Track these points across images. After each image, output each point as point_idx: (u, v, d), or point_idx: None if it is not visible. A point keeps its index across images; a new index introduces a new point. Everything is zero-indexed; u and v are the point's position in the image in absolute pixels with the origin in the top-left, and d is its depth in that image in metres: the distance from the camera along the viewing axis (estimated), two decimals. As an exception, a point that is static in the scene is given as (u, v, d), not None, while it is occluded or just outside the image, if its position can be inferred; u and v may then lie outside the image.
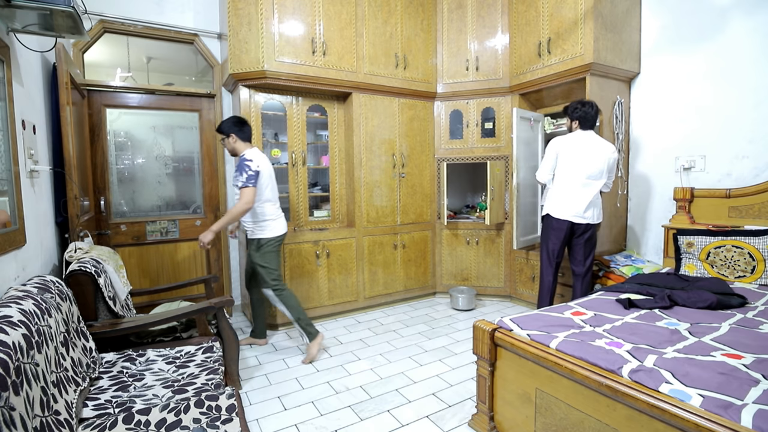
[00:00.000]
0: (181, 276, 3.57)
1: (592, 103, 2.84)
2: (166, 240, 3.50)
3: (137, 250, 3.39)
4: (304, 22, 3.28)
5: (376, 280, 3.80)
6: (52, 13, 1.55)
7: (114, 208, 3.36)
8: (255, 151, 2.75)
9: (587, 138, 2.84)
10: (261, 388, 2.42)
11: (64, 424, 1.25)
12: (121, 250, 3.23)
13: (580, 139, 2.84)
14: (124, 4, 3.21)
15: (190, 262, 3.62)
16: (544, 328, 1.80)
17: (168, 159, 3.61)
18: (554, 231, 2.88)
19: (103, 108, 3.28)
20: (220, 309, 2.22)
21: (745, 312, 2.00)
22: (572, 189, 2.83)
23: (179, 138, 3.69)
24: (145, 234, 3.41)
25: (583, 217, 2.83)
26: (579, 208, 2.82)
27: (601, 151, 2.81)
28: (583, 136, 2.84)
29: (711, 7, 2.93)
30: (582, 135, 2.85)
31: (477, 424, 1.98)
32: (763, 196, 2.65)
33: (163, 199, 3.62)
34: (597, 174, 2.80)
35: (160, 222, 3.48)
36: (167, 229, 3.51)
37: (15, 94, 1.71)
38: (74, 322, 1.71)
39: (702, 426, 1.12)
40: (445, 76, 3.99)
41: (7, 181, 1.60)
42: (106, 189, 3.30)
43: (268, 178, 2.77)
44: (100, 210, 3.24)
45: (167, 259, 3.52)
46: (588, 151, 2.80)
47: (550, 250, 2.93)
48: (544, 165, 2.96)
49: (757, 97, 2.74)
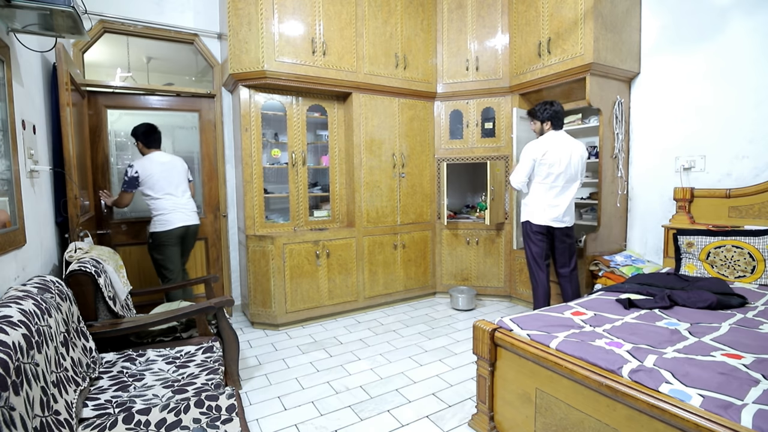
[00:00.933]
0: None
1: (557, 102, 2.89)
2: None
3: (138, 250, 3.40)
4: (304, 22, 3.28)
5: (376, 280, 3.80)
6: (52, 13, 1.55)
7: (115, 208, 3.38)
8: (151, 155, 2.97)
9: (561, 139, 2.84)
10: (261, 388, 2.42)
11: (64, 424, 1.25)
12: (121, 250, 3.25)
13: (555, 141, 2.83)
14: (124, 4, 3.21)
15: (191, 262, 3.62)
16: (544, 328, 1.80)
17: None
18: (536, 235, 2.91)
19: (103, 108, 3.28)
20: (220, 309, 2.22)
21: (745, 312, 2.00)
22: (552, 194, 2.84)
23: (179, 138, 3.69)
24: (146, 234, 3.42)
25: (563, 222, 2.87)
26: (558, 213, 2.84)
27: (576, 152, 2.82)
28: (557, 138, 2.84)
29: (711, 7, 2.93)
30: (555, 136, 2.85)
31: (477, 424, 1.97)
32: (763, 196, 2.65)
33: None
34: (574, 176, 2.83)
35: None
36: None
37: (15, 94, 1.71)
38: (74, 322, 1.71)
39: (702, 426, 1.12)
40: (445, 76, 3.99)
41: (7, 181, 1.60)
42: (108, 189, 3.31)
43: (159, 177, 2.94)
44: (102, 210, 3.25)
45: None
46: (564, 153, 2.80)
47: (536, 254, 2.95)
48: (519, 170, 2.92)
49: (757, 97, 2.73)
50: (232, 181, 3.75)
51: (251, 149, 3.33)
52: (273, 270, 3.30)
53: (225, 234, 3.75)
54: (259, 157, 3.37)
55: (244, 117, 3.30)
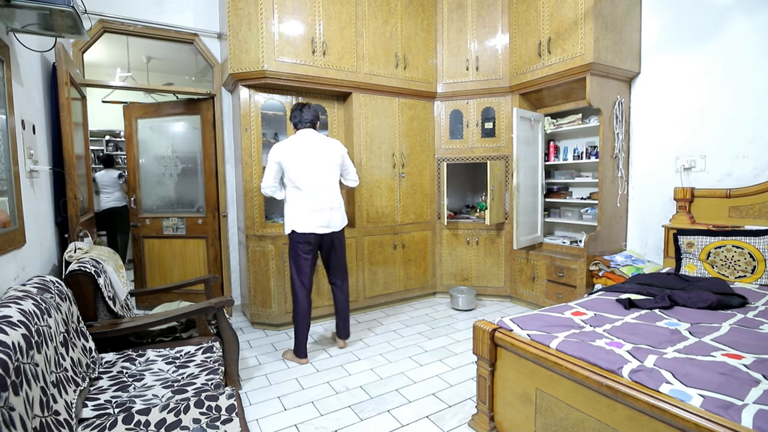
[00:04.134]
0: (189, 268, 3.76)
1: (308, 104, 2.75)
2: (176, 235, 3.78)
3: (158, 242, 3.79)
4: (304, 22, 3.27)
5: (376, 280, 3.80)
6: (51, 12, 1.54)
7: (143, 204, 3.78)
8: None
9: (310, 138, 2.68)
10: (261, 388, 2.42)
11: (64, 424, 1.25)
12: (147, 242, 3.78)
13: (301, 141, 2.66)
14: (124, 4, 3.21)
15: (195, 257, 3.77)
16: (544, 328, 1.80)
17: (168, 159, 3.63)
18: (301, 245, 2.66)
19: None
20: (220, 309, 2.22)
21: (746, 312, 2.00)
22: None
23: (179, 138, 3.70)
24: (161, 229, 3.79)
25: (329, 227, 2.69)
26: (322, 220, 2.66)
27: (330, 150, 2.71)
28: (303, 138, 2.67)
29: (711, 6, 2.92)
30: (302, 136, 2.68)
31: (477, 424, 1.97)
32: (764, 196, 2.65)
33: (172, 198, 3.86)
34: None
35: (171, 219, 3.77)
36: (177, 225, 3.76)
37: (15, 93, 1.71)
38: (74, 322, 1.71)
39: (702, 426, 1.12)
40: (445, 76, 3.99)
41: (6, 181, 1.60)
42: (137, 187, 3.67)
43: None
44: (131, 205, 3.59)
45: (178, 253, 3.80)
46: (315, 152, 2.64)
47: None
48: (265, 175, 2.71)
49: (757, 96, 2.73)
50: (232, 181, 3.75)
51: (251, 149, 3.33)
52: (273, 270, 3.30)
53: (225, 234, 3.75)
54: (259, 157, 3.36)
55: (244, 117, 3.30)
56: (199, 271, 3.75)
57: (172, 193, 3.86)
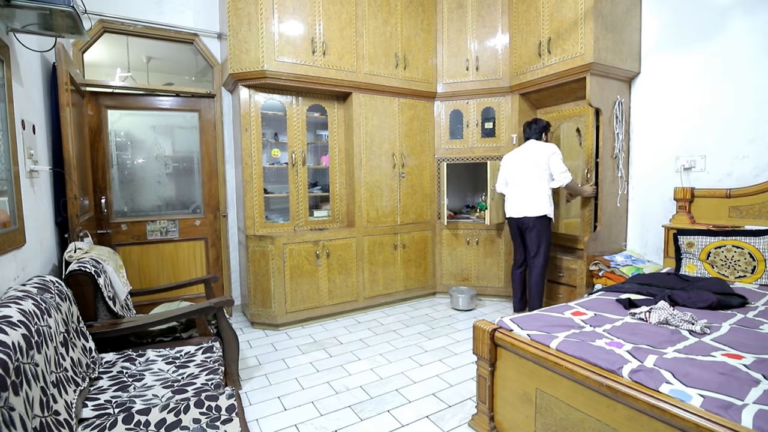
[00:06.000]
0: (181, 276, 3.58)
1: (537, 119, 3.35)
2: (166, 240, 3.52)
3: (138, 249, 3.41)
4: (304, 22, 3.27)
5: (376, 280, 3.80)
6: (51, 13, 1.54)
7: (115, 207, 3.40)
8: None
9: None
10: (261, 388, 2.42)
11: (64, 424, 1.25)
12: (121, 249, 3.27)
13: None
14: (124, 4, 3.21)
15: (190, 262, 3.63)
16: (544, 328, 1.80)
17: (168, 159, 3.62)
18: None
19: (104, 108, 3.28)
20: (220, 309, 2.22)
21: (746, 312, 2.00)
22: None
23: (179, 138, 3.69)
24: (145, 234, 3.43)
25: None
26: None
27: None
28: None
29: (711, 6, 2.92)
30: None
31: (477, 424, 1.97)
32: (764, 196, 2.65)
33: (163, 199, 3.64)
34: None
35: (159, 222, 3.50)
36: (167, 228, 3.52)
37: (15, 94, 1.71)
38: (74, 322, 1.71)
39: (702, 426, 1.12)
40: (445, 76, 3.99)
41: (6, 181, 1.60)
42: (107, 189, 3.32)
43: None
44: (101, 209, 3.24)
45: (167, 259, 3.53)
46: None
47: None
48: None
49: (757, 96, 2.73)
50: (232, 181, 3.75)
51: (251, 149, 3.33)
52: (273, 270, 3.30)
53: (225, 234, 3.75)
54: (259, 157, 3.37)
55: (243, 117, 3.30)
56: (196, 274, 3.64)
57: (160, 195, 3.59)
